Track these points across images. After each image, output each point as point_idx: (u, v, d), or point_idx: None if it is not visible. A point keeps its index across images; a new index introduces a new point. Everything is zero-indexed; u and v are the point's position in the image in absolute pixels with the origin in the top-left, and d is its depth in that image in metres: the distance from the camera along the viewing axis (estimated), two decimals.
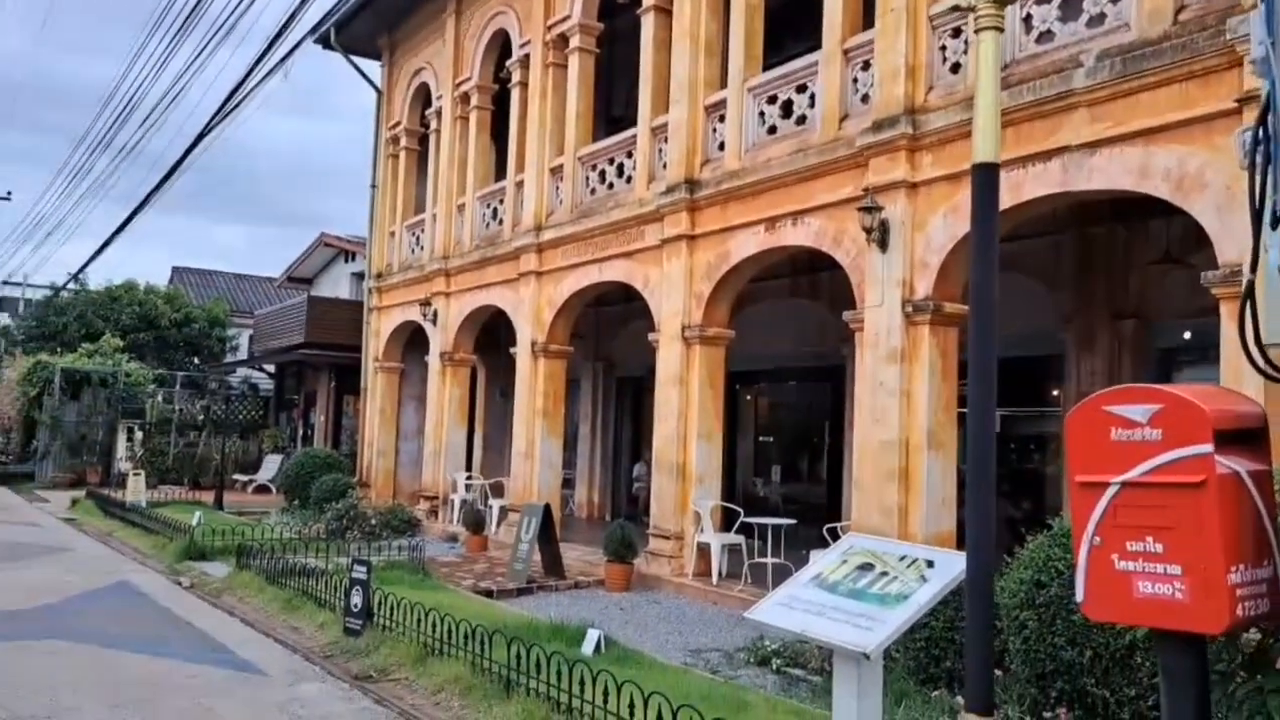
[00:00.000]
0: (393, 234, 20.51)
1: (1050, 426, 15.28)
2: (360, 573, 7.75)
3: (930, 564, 4.05)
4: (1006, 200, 8.73)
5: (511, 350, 15.71)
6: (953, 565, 4.02)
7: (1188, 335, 10.56)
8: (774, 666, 8.04)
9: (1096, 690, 5.65)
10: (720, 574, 11.27)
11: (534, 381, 15.05)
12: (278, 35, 14.05)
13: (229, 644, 7.64)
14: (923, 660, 7.04)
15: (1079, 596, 3.14)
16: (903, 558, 4.16)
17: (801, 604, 4.17)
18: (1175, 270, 10.32)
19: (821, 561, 4.41)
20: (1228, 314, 7.13)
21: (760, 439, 18.25)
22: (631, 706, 4.87)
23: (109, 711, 5.87)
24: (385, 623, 7.44)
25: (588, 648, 7.02)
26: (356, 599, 7.67)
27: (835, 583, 4.20)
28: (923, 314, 9.25)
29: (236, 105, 15.84)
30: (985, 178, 4.30)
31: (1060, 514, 6.49)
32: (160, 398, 24.97)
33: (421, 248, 19.25)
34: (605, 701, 5.05)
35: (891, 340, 9.43)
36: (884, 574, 4.11)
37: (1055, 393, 14.56)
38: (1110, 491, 3.04)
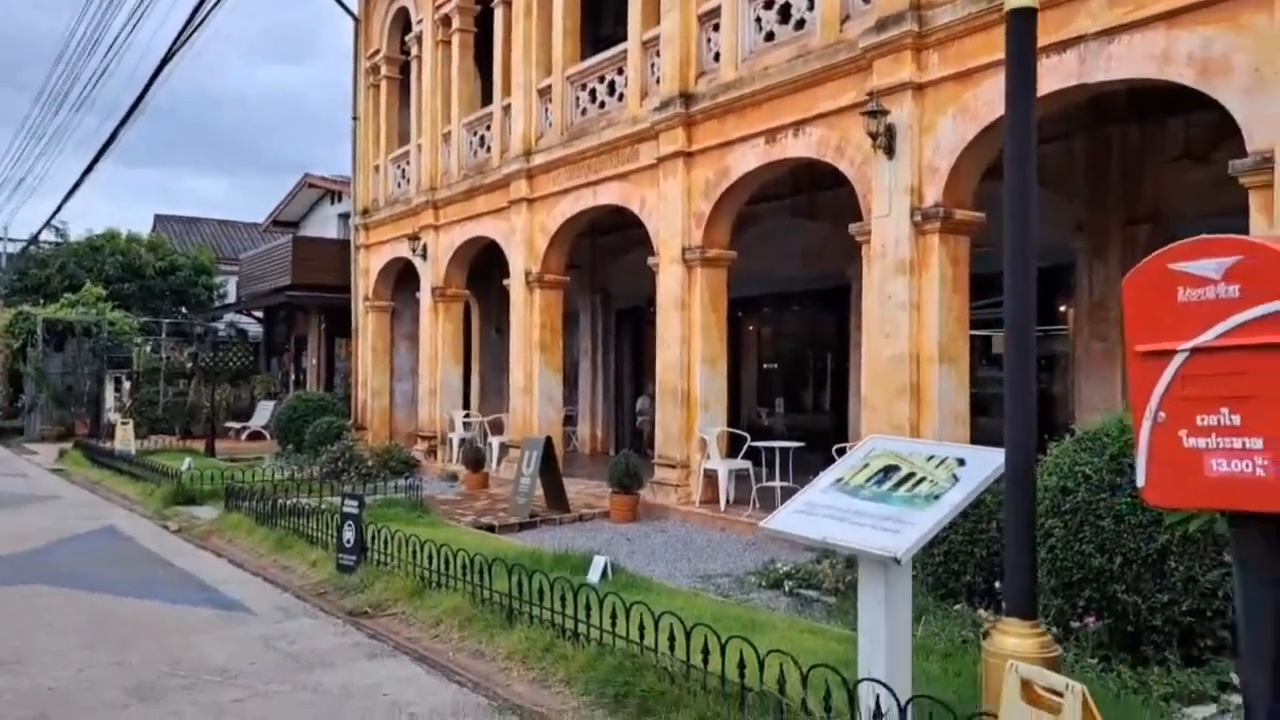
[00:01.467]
0: (377, 168, 19.92)
1: (1058, 346, 14.97)
2: (352, 507, 7.43)
3: (962, 462, 3.69)
4: None
5: (505, 283, 15.27)
6: (987, 462, 3.66)
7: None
8: (786, 589, 7.77)
9: (1127, 597, 5.36)
10: (728, 500, 10.99)
11: (530, 314, 14.63)
12: None
13: (215, 584, 7.33)
14: (941, 575, 6.74)
15: (1140, 481, 2.77)
16: (931, 457, 3.80)
17: (822, 510, 3.81)
18: (1194, 170, 9.88)
19: (841, 465, 4.04)
20: (1258, 206, 6.70)
21: (764, 366, 17.91)
22: (641, 629, 4.55)
23: (86, 652, 5.57)
24: (380, 557, 7.13)
25: (593, 575, 6.72)
26: (349, 534, 7.35)
27: (858, 487, 3.84)
28: (932, 222, 8.81)
29: (200, 24, 15.11)
30: (1022, 25, 3.84)
31: (1075, 423, 6.13)
32: (148, 347, 24.54)
33: (407, 181, 18.67)
34: (614, 625, 4.73)
35: (900, 251, 9.01)
36: (911, 475, 3.75)
37: (1062, 309, 14.22)
38: (1177, 360, 2.66)
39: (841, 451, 10.39)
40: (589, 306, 19.19)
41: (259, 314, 27.79)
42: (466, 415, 17.29)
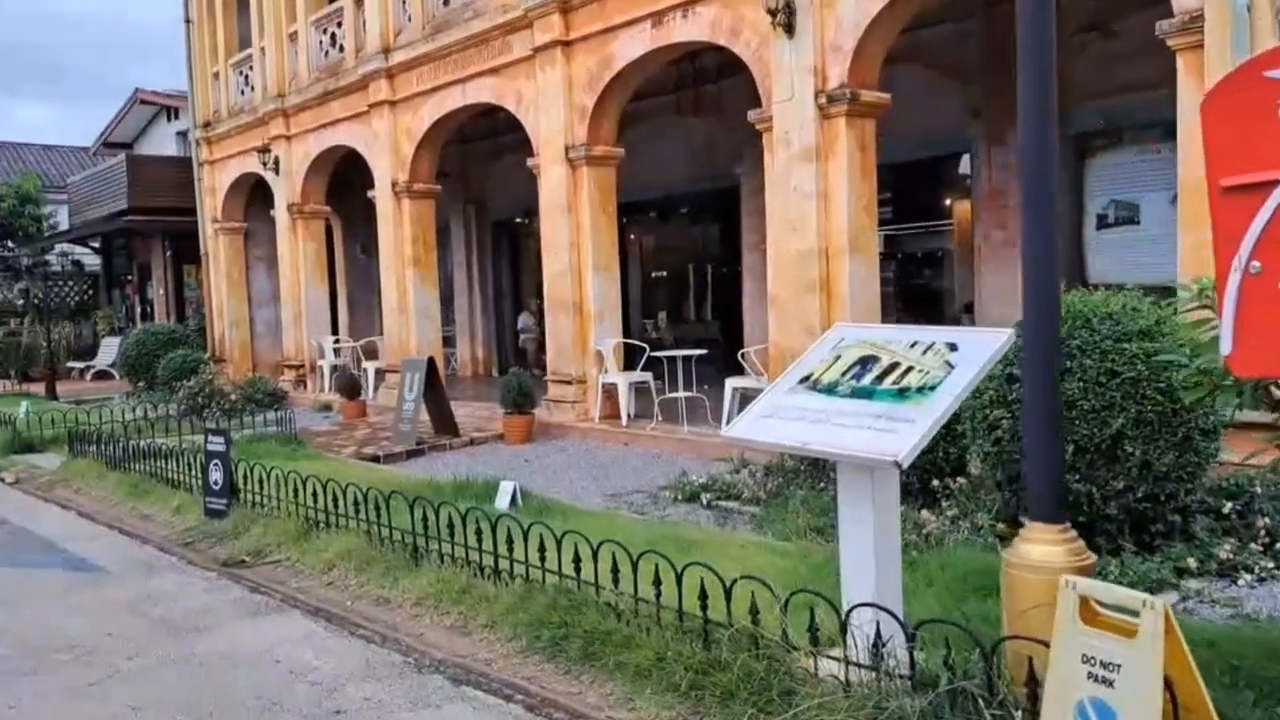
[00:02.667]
0: (216, 75, 18.06)
1: (945, 242, 14.90)
2: (218, 444, 6.51)
3: (954, 347, 3.17)
4: None
5: (370, 195, 14.07)
6: (984, 344, 3.16)
7: (1101, 119, 9.96)
8: (704, 502, 7.30)
9: (1080, 486, 5.07)
10: (630, 415, 10.45)
11: (400, 227, 13.55)
12: None
13: (62, 540, 6.32)
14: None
15: (1224, 348, 2.28)
16: (914, 344, 3.27)
17: (791, 413, 3.25)
18: (1096, 44, 9.62)
19: (807, 361, 3.48)
20: (1187, 68, 6.38)
21: (652, 274, 17.34)
22: (577, 561, 3.94)
23: None
24: (255, 499, 6.27)
25: (502, 501, 6.07)
26: (216, 475, 6.45)
27: (832, 384, 3.29)
28: (838, 105, 8.27)
29: None
30: None
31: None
32: None
33: (252, 88, 16.97)
34: (543, 558, 4.10)
35: (805, 137, 8.45)
36: (894, 366, 3.22)
37: (947, 202, 14.09)
38: (1278, 195, 2.14)
39: (745, 358, 10.00)
40: (462, 218, 18.09)
41: (95, 244, 25.39)
42: (336, 341, 16.15)
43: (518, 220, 17.79)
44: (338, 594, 4.92)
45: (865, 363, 3.28)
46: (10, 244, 28.32)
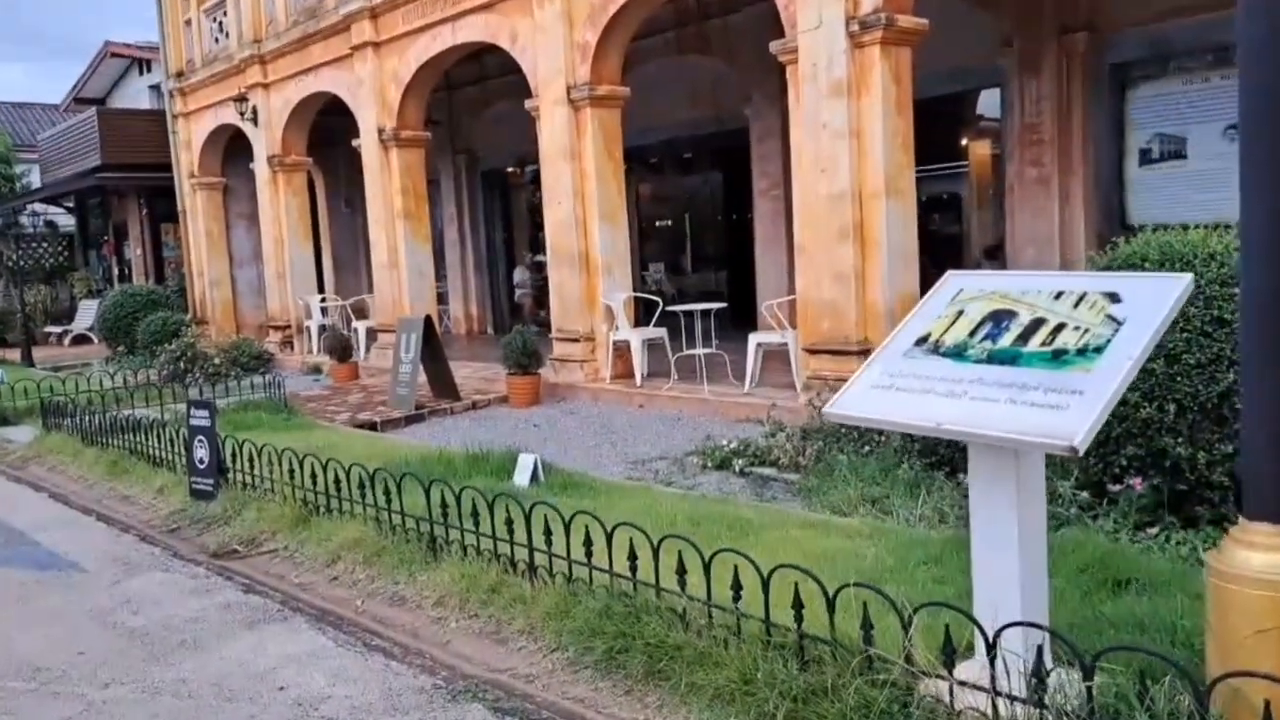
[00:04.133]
0: (189, 23, 17.07)
1: (960, 186, 14.23)
2: (201, 418, 5.85)
3: (1114, 296, 2.54)
4: None
5: (354, 144, 13.26)
6: (1155, 291, 2.52)
7: (1144, 47, 9.26)
8: (736, 468, 6.72)
9: (1183, 450, 4.49)
10: (643, 374, 9.81)
11: (388, 178, 12.76)
12: None
13: (32, 530, 5.65)
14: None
15: None
16: (1059, 294, 2.63)
17: (914, 382, 2.62)
18: None
19: (920, 317, 2.84)
20: None
21: (657, 224, 16.62)
22: (633, 559, 3.33)
23: None
24: (246, 478, 5.63)
25: (521, 477, 5.45)
26: (201, 453, 5.80)
27: (959, 345, 2.66)
28: (872, 32, 7.53)
29: None
30: None
31: (1109, 245, 5.14)
32: None
33: (226, 35, 16.01)
34: (588, 553, 3.49)
35: (835, 70, 7.72)
36: (1039, 322, 2.59)
37: (964, 142, 13.40)
38: None
39: (768, 310, 9.34)
40: (451, 169, 17.27)
41: (69, 204, 24.40)
42: (323, 299, 15.41)
43: (510, 170, 17.00)
44: (345, 591, 4.30)
45: (999, 319, 2.65)
46: None
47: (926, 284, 8.87)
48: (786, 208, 10.98)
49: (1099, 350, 2.41)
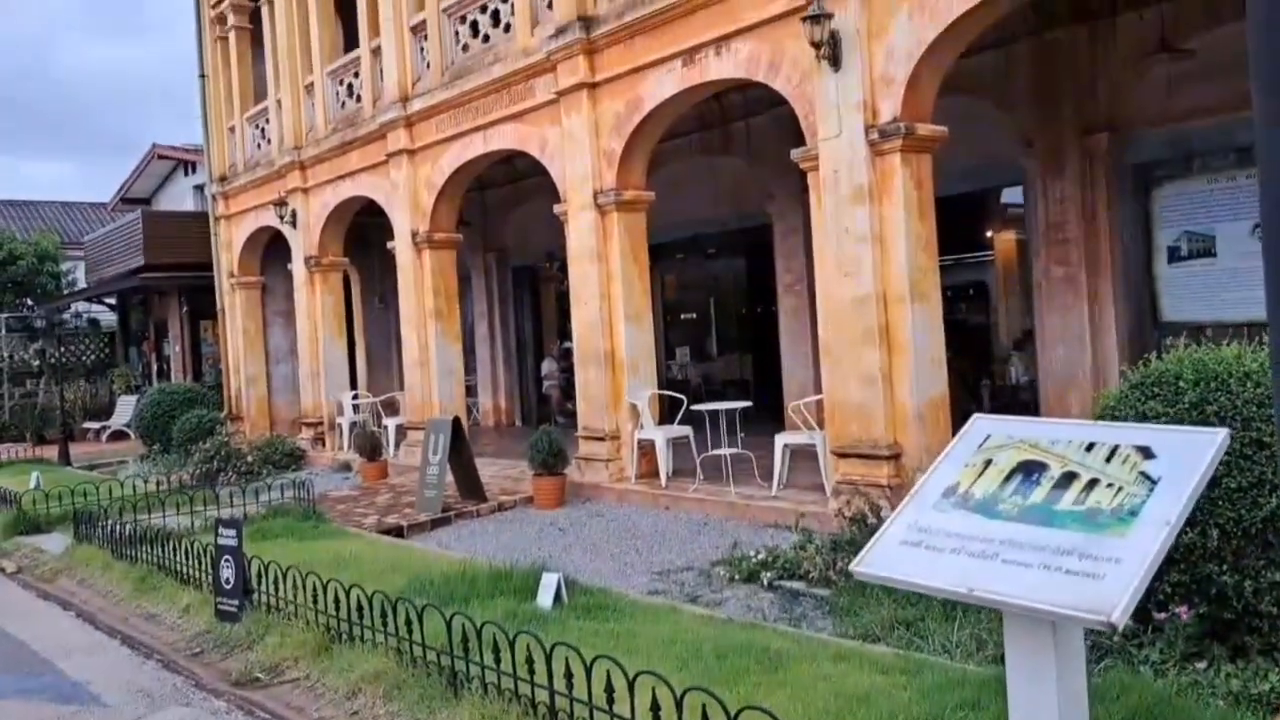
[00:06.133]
0: (233, 129, 17.69)
1: (987, 274, 14.23)
2: (229, 537, 5.86)
3: (1147, 452, 2.48)
4: None
5: (389, 246, 13.54)
6: (1190, 447, 2.46)
7: (1167, 147, 9.28)
8: (765, 582, 6.60)
9: (1228, 578, 4.34)
10: (669, 474, 9.75)
11: (420, 278, 12.97)
12: None
13: (56, 657, 5.61)
14: None
15: None
16: (1090, 446, 2.58)
17: (945, 539, 2.56)
18: (1154, 68, 8.98)
19: (949, 464, 2.79)
20: None
21: (682, 316, 16.72)
22: (656, 711, 3.24)
23: None
24: (270, 600, 5.60)
25: (544, 598, 5.37)
26: (227, 572, 5.79)
27: (990, 499, 2.60)
28: (892, 140, 7.64)
29: None
30: None
31: (1142, 360, 5.06)
32: None
33: (268, 141, 16.56)
34: (610, 702, 3.40)
35: (855, 176, 7.81)
36: (1071, 476, 2.53)
37: (988, 234, 13.44)
38: None
39: (795, 411, 9.27)
40: (482, 267, 17.56)
41: (111, 301, 25.02)
42: (355, 396, 15.55)
43: (539, 265, 17.24)
44: None
45: (1029, 471, 2.60)
46: (29, 301, 28.07)
47: (955, 380, 8.79)
48: (811, 303, 11.02)
49: (1134, 513, 2.34)
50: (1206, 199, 9.05)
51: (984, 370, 13.44)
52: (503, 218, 16.90)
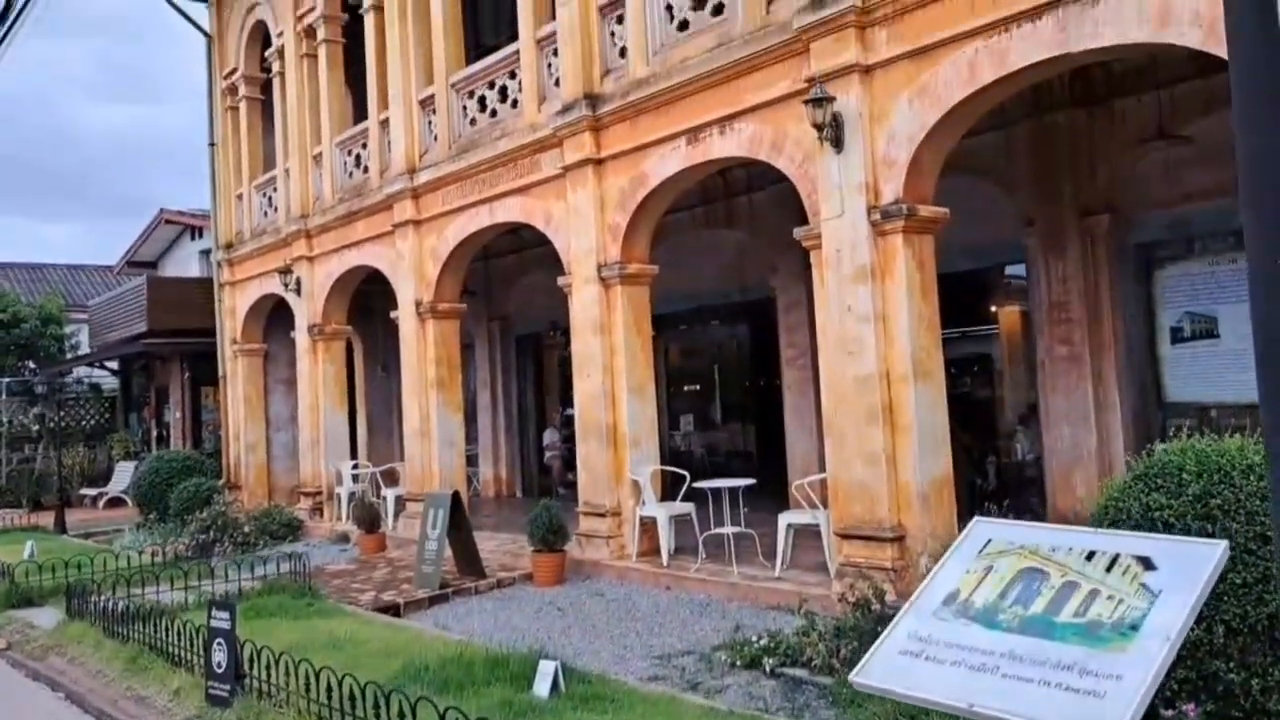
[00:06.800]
0: (240, 197, 17.91)
1: (991, 348, 14.24)
2: (222, 620, 5.77)
3: (1148, 564, 2.44)
4: (988, 74, 7.25)
5: (392, 315, 13.60)
6: (1190, 558, 2.43)
7: (1168, 229, 9.35)
8: (767, 668, 6.48)
9: (1235, 675, 4.26)
10: (670, 552, 9.63)
11: (423, 348, 13.00)
12: None
13: None
14: None
15: None
16: (1090, 555, 2.54)
17: (945, 650, 2.51)
18: (1152, 152, 9.10)
19: (950, 569, 2.75)
20: None
21: (685, 387, 16.70)
22: None
23: None
24: (262, 685, 5.50)
25: (541, 687, 5.27)
26: (220, 656, 5.69)
27: (990, 608, 2.56)
28: (894, 221, 7.70)
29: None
30: None
31: (1146, 449, 5.04)
32: None
33: (275, 209, 16.76)
34: None
35: (858, 256, 7.86)
36: (1071, 586, 2.49)
37: (992, 308, 13.47)
38: None
39: (799, 490, 9.19)
40: (485, 335, 17.62)
41: (114, 365, 25.09)
42: (355, 466, 15.47)
43: (543, 334, 17.29)
44: None
45: (1030, 579, 2.56)
46: (32, 364, 28.13)
47: (961, 456, 8.70)
48: (815, 377, 10.99)
49: (1135, 627, 2.30)
50: (1208, 280, 9.09)
51: (990, 445, 13.36)
52: (507, 286, 17.00)
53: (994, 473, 12.62)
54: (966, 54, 7.27)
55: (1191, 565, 2.39)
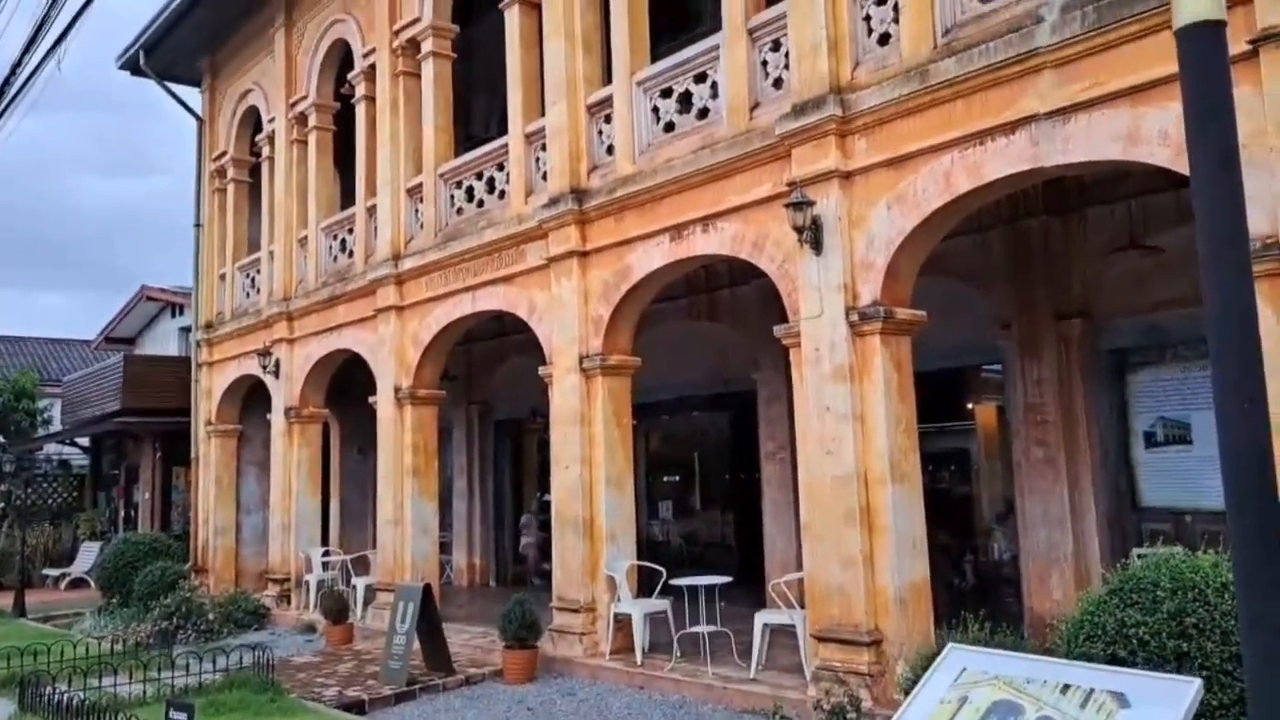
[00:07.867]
0: (223, 277, 17.95)
1: (969, 443, 14.27)
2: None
3: (1122, 700, 2.41)
4: (964, 184, 7.44)
5: (371, 400, 13.53)
6: (1163, 696, 2.40)
7: (1140, 335, 9.51)
8: None
9: None
10: (644, 650, 9.45)
11: (400, 434, 12.92)
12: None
13: None
14: None
15: None
16: (1065, 687, 2.51)
17: None
18: (1124, 260, 9.30)
19: (923, 699, 2.70)
20: (1267, 296, 5.82)
21: (665, 477, 16.60)
22: None
23: None
24: None
25: None
26: None
27: None
28: (872, 323, 7.80)
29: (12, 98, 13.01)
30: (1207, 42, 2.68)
31: (1121, 561, 5.03)
32: None
33: (257, 290, 16.79)
34: None
35: (837, 356, 7.93)
36: None
37: (969, 405, 13.55)
38: None
39: (777, 589, 9.09)
40: (465, 420, 17.52)
41: (85, 443, 24.74)
42: (325, 553, 15.17)
43: (523, 419, 17.22)
44: None
45: (1004, 713, 2.52)
46: (2, 439, 27.71)
47: (938, 555, 8.64)
48: (794, 472, 10.95)
49: None
50: (1180, 386, 9.21)
51: (967, 544, 13.31)
52: (488, 372, 16.98)
53: (971, 571, 12.55)
54: (943, 164, 7.47)
55: (1166, 703, 2.36)
